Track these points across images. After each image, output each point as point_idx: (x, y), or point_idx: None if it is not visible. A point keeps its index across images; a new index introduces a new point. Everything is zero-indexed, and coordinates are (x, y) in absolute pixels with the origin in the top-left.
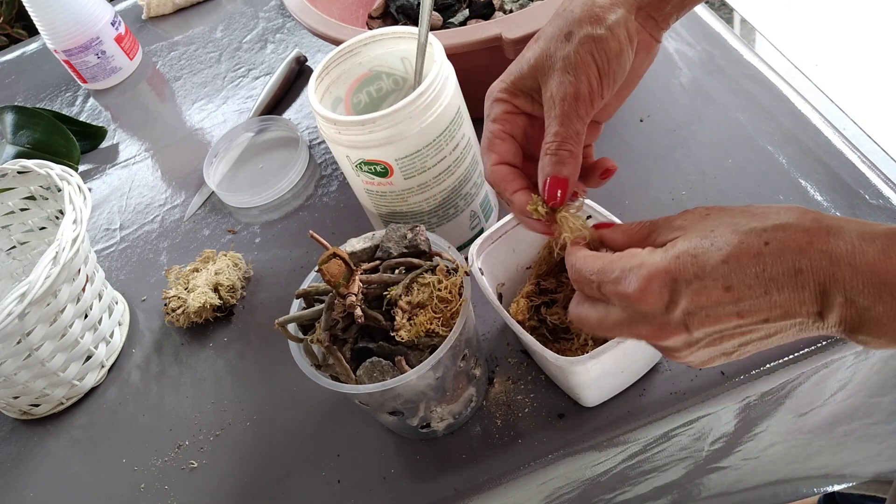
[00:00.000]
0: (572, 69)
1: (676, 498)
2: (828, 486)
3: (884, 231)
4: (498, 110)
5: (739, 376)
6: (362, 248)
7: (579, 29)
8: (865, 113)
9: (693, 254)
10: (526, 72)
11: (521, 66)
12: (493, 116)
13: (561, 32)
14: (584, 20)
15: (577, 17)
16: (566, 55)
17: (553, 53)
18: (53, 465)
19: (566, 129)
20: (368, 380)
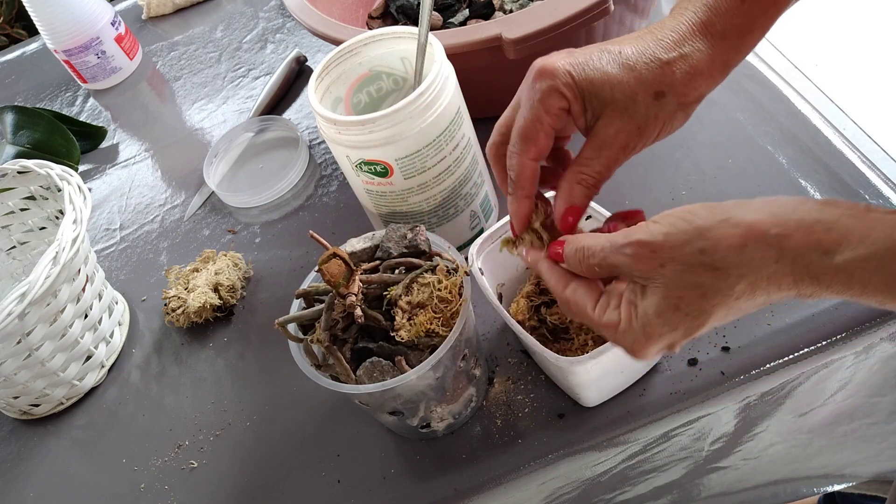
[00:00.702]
0: (642, 128)
1: (676, 498)
2: (828, 486)
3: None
4: (556, 103)
5: (739, 376)
6: (362, 248)
7: (671, 97)
8: (865, 113)
9: None
10: (604, 95)
11: (604, 83)
12: (548, 107)
13: (654, 85)
14: (680, 92)
15: (677, 81)
16: (645, 115)
17: (637, 100)
18: (53, 465)
19: (607, 172)
20: (368, 380)
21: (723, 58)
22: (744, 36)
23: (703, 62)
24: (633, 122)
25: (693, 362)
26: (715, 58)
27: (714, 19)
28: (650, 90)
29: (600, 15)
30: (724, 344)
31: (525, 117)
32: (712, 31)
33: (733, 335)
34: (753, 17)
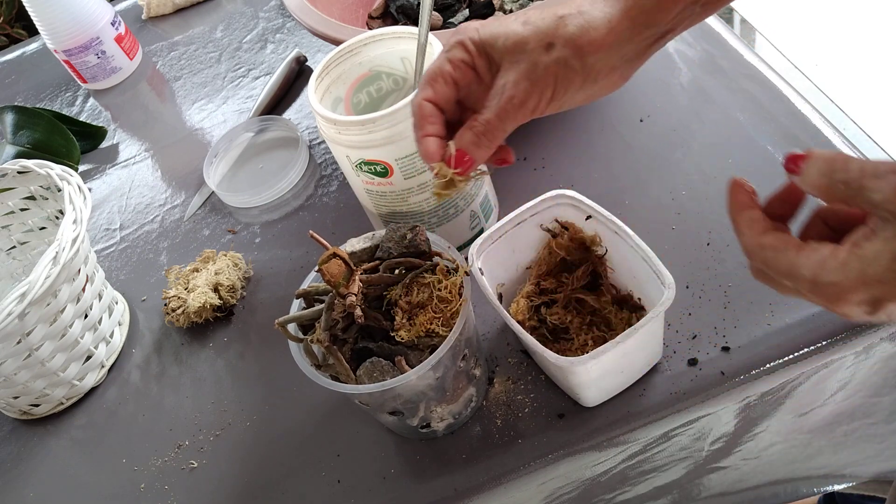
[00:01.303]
0: (532, 80)
1: (676, 498)
2: (828, 486)
3: None
4: (458, 55)
5: (739, 376)
6: (362, 248)
7: (561, 48)
8: (865, 113)
9: None
10: (499, 45)
11: (501, 35)
12: (450, 56)
13: (546, 36)
14: (570, 42)
15: (568, 33)
16: (535, 63)
17: (527, 49)
18: (53, 465)
19: (498, 123)
20: (368, 380)
21: (624, 20)
22: (646, 6)
23: (599, 19)
24: (524, 73)
25: (693, 362)
26: (613, 18)
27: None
28: (542, 41)
29: None
30: (724, 344)
31: (433, 64)
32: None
33: (733, 335)
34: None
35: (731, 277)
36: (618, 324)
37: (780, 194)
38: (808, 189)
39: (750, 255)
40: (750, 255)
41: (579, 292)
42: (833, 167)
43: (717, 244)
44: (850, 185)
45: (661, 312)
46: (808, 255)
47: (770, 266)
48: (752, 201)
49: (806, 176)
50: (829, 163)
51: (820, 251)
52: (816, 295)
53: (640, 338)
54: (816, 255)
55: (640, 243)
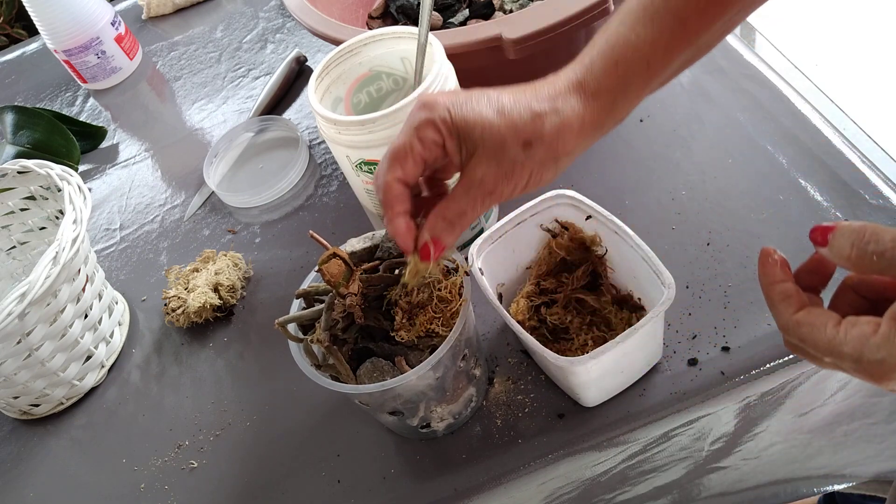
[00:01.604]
0: (509, 175)
1: (676, 498)
2: (828, 486)
3: None
4: (429, 136)
5: (739, 376)
6: (362, 248)
7: (538, 149)
8: (865, 113)
9: None
10: (476, 136)
11: (477, 125)
12: (421, 136)
13: (524, 134)
14: (547, 144)
15: (546, 134)
16: (512, 160)
17: (505, 146)
18: (53, 465)
19: (472, 212)
20: (368, 380)
21: (594, 117)
22: (616, 99)
23: (573, 118)
24: (501, 168)
25: (693, 362)
26: (586, 116)
27: (588, 79)
28: (520, 138)
29: (600, 15)
30: (724, 344)
31: (398, 140)
32: (586, 90)
33: (733, 335)
34: (626, 82)
35: (731, 277)
36: (618, 324)
37: (808, 266)
38: (838, 261)
39: (785, 330)
40: (785, 330)
41: (579, 292)
42: (863, 238)
43: (717, 244)
44: (884, 257)
45: (661, 312)
46: (847, 331)
47: (808, 343)
48: (784, 273)
49: (835, 248)
50: (859, 234)
51: (860, 327)
52: (861, 373)
53: (640, 338)
54: (856, 332)
55: (640, 243)
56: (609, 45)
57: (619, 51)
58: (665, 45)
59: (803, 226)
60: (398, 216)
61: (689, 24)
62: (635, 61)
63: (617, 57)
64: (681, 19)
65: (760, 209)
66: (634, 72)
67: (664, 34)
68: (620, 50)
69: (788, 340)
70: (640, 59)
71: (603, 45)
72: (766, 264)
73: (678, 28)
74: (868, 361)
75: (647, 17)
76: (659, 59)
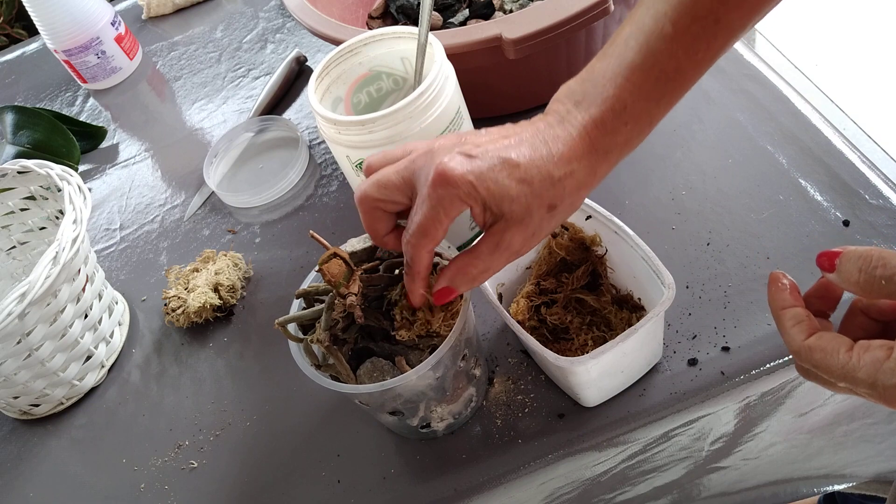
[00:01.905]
0: (537, 236)
1: (676, 498)
2: (828, 486)
3: None
4: (456, 209)
5: (739, 376)
6: (362, 248)
7: (561, 211)
8: (865, 113)
9: None
10: (505, 208)
11: (506, 199)
12: (447, 210)
13: (547, 199)
14: (568, 205)
15: (567, 197)
16: (539, 223)
17: (532, 211)
18: (53, 465)
19: (495, 270)
20: (368, 380)
21: (603, 171)
22: (623, 153)
23: (588, 178)
24: (529, 230)
25: (693, 362)
26: (598, 172)
27: (601, 139)
28: (544, 203)
29: (600, 15)
30: (724, 344)
31: (426, 216)
32: (598, 149)
33: (733, 335)
34: (631, 139)
35: (731, 277)
36: (618, 324)
37: (816, 291)
38: (846, 287)
39: (797, 356)
40: (797, 356)
41: (579, 292)
42: (870, 263)
43: (717, 244)
44: (892, 281)
45: (661, 312)
46: (860, 356)
47: (821, 368)
48: (794, 298)
49: (843, 273)
50: (866, 259)
51: (872, 352)
52: (876, 398)
53: (640, 338)
54: (869, 357)
55: (640, 243)
56: (621, 104)
57: (630, 111)
58: (668, 103)
59: (803, 226)
60: (422, 281)
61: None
62: (644, 123)
63: (627, 118)
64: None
65: (760, 209)
66: (640, 126)
67: (671, 96)
68: (630, 110)
69: (801, 365)
70: (649, 119)
71: (612, 99)
72: (775, 290)
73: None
74: (883, 386)
75: (654, 77)
76: (661, 114)
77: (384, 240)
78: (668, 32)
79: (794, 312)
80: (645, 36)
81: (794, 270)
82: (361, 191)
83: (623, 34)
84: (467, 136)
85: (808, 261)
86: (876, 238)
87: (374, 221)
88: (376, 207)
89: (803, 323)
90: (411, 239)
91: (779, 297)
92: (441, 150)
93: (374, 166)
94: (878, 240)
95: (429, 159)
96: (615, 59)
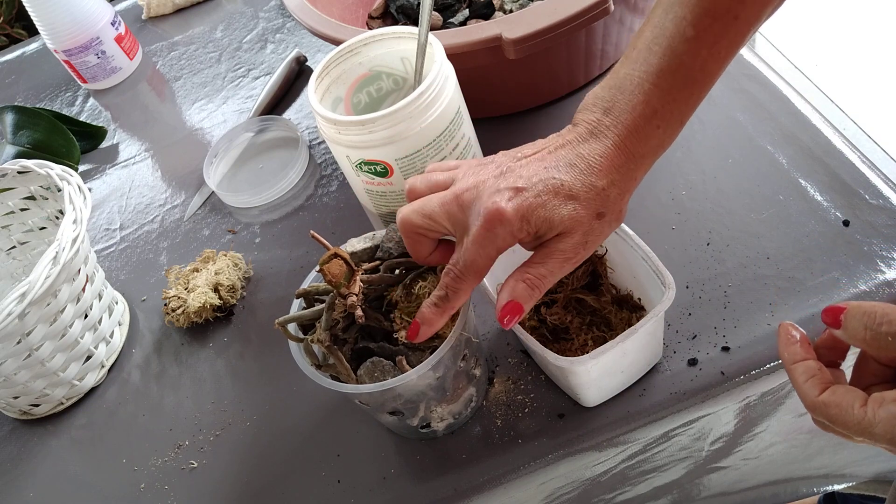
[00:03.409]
0: (588, 243)
1: (676, 498)
2: (828, 486)
3: None
4: (508, 244)
5: (739, 376)
6: (363, 248)
7: (609, 219)
8: (865, 113)
9: None
10: (555, 227)
11: (557, 221)
12: (500, 247)
13: (596, 208)
14: (613, 205)
15: (612, 204)
16: (590, 230)
17: (583, 223)
18: (53, 465)
19: (551, 277)
20: (369, 379)
21: (641, 174)
22: (657, 154)
23: (629, 183)
24: (581, 238)
25: (693, 362)
26: (637, 177)
27: (636, 146)
28: (593, 213)
29: (600, 15)
30: (724, 344)
31: (478, 253)
32: (635, 156)
33: (733, 335)
34: (664, 140)
35: (731, 277)
36: (618, 324)
37: (825, 342)
38: (853, 343)
39: (812, 411)
40: (812, 411)
41: (579, 292)
42: (875, 320)
43: (717, 244)
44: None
45: (662, 312)
46: (875, 412)
47: (837, 424)
48: (805, 350)
49: (849, 330)
50: (870, 316)
51: (887, 407)
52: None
53: (640, 338)
54: (885, 412)
55: (640, 243)
56: (651, 109)
57: (660, 115)
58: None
59: (803, 226)
60: (447, 318)
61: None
62: (675, 123)
63: (658, 122)
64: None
65: (760, 209)
66: (671, 128)
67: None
68: (661, 113)
69: (816, 419)
70: (680, 120)
71: (643, 105)
72: (786, 343)
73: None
74: None
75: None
76: (690, 113)
77: (427, 259)
78: (691, 35)
79: (805, 366)
80: (668, 40)
81: (794, 270)
82: (405, 216)
83: (644, 38)
84: (507, 164)
85: (808, 261)
86: (876, 238)
87: (417, 245)
88: (418, 233)
89: (816, 377)
90: (459, 274)
91: (789, 350)
92: (487, 188)
93: (418, 192)
94: (877, 240)
95: (475, 195)
96: (641, 65)
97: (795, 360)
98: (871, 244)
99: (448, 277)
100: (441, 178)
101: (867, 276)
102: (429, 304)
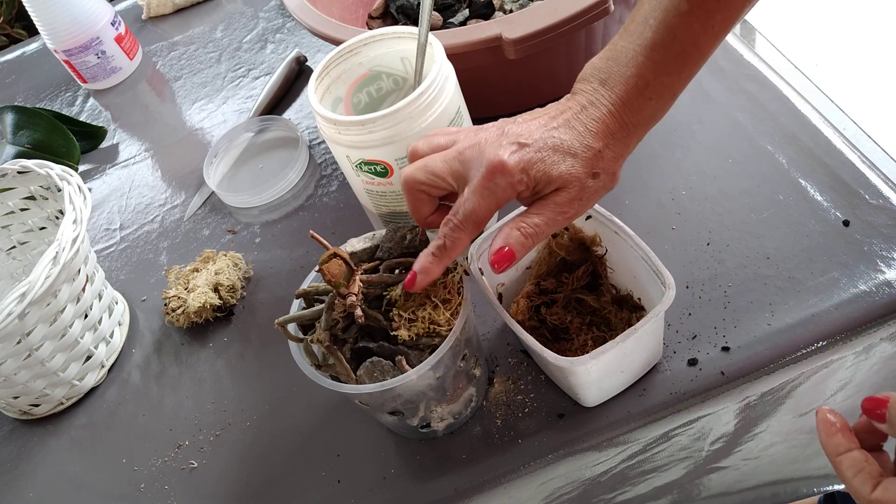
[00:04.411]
0: (582, 199)
1: (676, 498)
2: (828, 486)
3: None
4: (509, 195)
5: (739, 376)
6: (362, 248)
7: (603, 177)
8: (865, 113)
9: None
10: (554, 182)
11: (555, 178)
12: (500, 198)
13: (592, 167)
14: (607, 166)
15: (606, 165)
16: (584, 187)
17: (579, 177)
18: (53, 465)
19: (545, 227)
20: (369, 379)
21: (634, 142)
22: (650, 125)
23: (622, 149)
24: (577, 193)
25: (693, 362)
26: (630, 144)
27: (629, 116)
28: (589, 171)
29: (600, 15)
30: (724, 344)
31: (479, 203)
32: (628, 125)
33: (733, 335)
34: (655, 112)
35: (731, 277)
36: (618, 324)
37: (865, 426)
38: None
39: None
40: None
41: (579, 292)
42: None
43: (717, 244)
44: None
45: (662, 312)
46: None
47: None
48: (848, 440)
49: (894, 426)
50: None
51: None
52: None
53: (640, 338)
54: None
55: (640, 243)
56: (643, 81)
57: (652, 87)
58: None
59: (803, 226)
60: (444, 268)
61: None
62: (667, 96)
63: (650, 94)
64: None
65: (760, 209)
66: (663, 101)
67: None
68: (653, 86)
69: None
70: (671, 92)
71: (635, 78)
72: (827, 434)
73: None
74: None
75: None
76: (682, 86)
77: (427, 220)
78: (685, 9)
79: (852, 458)
80: (663, 13)
81: (794, 270)
82: (408, 173)
83: (642, 11)
84: (508, 126)
85: (808, 261)
86: (876, 238)
87: (418, 203)
88: (421, 191)
89: (864, 471)
90: (459, 224)
91: (833, 441)
92: (489, 143)
93: (420, 153)
94: (877, 240)
95: (478, 152)
96: (636, 38)
97: (840, 452)
98: (871, 244)
99: (447, 227)
100: (443, 141)
101: (867, 276)
102: (427, 253)
